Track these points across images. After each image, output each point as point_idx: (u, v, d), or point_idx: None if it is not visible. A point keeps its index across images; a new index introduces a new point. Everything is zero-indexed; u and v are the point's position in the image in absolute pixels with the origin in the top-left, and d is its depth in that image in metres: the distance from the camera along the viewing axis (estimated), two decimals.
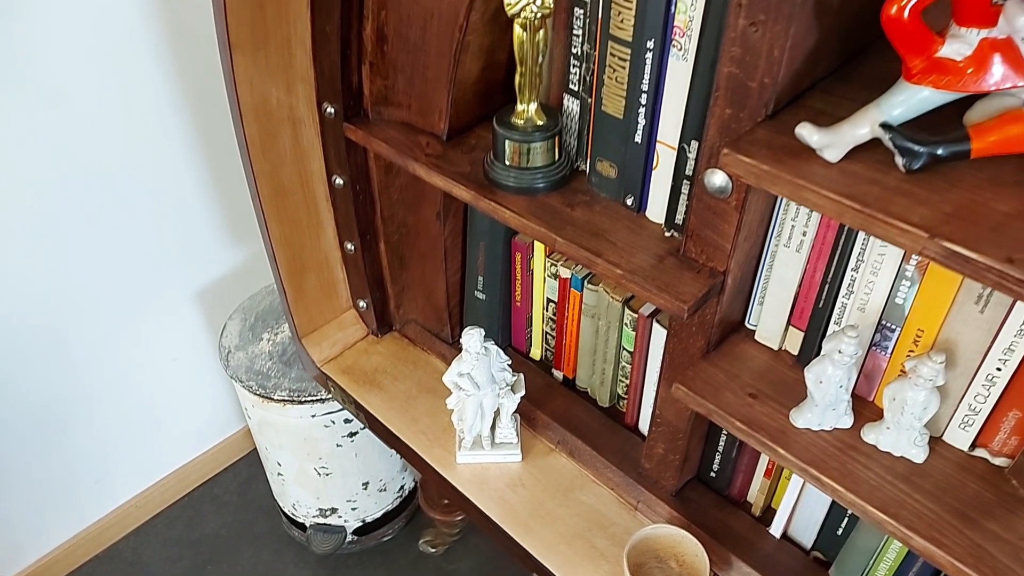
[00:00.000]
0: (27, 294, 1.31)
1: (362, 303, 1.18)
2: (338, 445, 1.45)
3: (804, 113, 0.59)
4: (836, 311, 0.70)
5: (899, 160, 0.53)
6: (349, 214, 1.05)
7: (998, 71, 0.50)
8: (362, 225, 1.06)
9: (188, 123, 1.36)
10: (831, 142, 0.53)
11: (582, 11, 0.73)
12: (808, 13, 0.55)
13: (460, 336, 0.94)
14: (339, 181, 1.02)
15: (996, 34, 0.49)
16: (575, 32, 0.76)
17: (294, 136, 0.95)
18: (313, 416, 1.38)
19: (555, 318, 1.06)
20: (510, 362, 0.97)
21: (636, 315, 0.92)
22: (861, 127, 0.53)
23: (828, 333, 0.71)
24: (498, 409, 1.00)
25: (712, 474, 0.95)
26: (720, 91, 0.60)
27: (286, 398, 1.34)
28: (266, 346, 1.44)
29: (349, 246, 1.10)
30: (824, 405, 0.68)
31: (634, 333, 0.95)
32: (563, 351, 1.09)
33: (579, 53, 0.76)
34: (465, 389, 0.93)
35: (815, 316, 0.72)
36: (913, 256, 0.62)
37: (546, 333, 1.10)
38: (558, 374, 1.12)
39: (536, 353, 1.15)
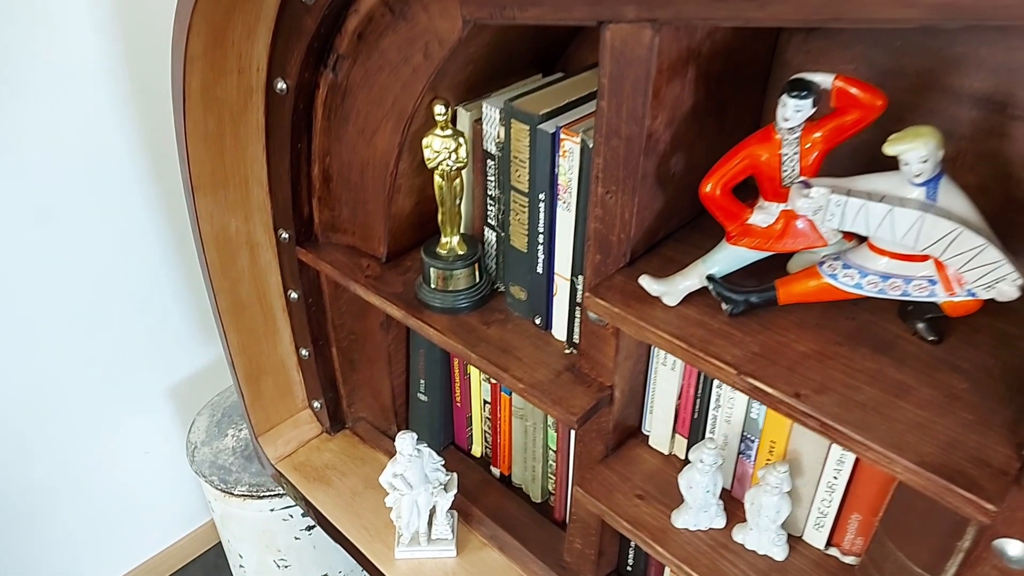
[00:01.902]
0: (5, 389, 1.40)
1: (316, 403, 1.27)
2: (296, 538, 1.51)
3: (657, 261, 0.71)
4: (709, 422, 0.80)
5: (724, 306, 0.64)
6: (303, 324, 1.16)
7: (795, 236, 0.62)
8: (315, 333, 1.17)
9: (167, 235, 1.49)
10: (667, 291, 0.64)
11: (493, 163, 0.86)
12: (650, 184, 0.67)
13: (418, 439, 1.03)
14: (294, 295, 1.13)
15: (790, 207, 0.61)
16: (489, 179, 0.88)
17: (252, 257, 1.07)
18: (272, 510, 1.45)
19: (491, 418, 1.15)
20: (443, 462, 1.05)
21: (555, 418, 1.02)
22: (691, 279, 0.64)
23: (696, 444, 0.81)
24: (434, 506, 1.08)
25: (628, 568, 1.03)
26: (590, 241, 0.72)
27: (246, 493, 1.42)
28: (230, 442, 1.52)
29: (304, 352, 1.20)
30: (696, 508, 0.77)
31: (556, 434, 1.05)
32: (499, 449, 1.17)
33: (493, 196, 0.89)
34: (399, 489, 1.01)
35: (694, 425, 0.82)
36: None
37: (485, 432, 1.19)
38: (496, 471, 1.21)
39: (477, 451, 1.23)
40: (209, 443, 1.52)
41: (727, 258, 0.64)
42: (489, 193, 0.90)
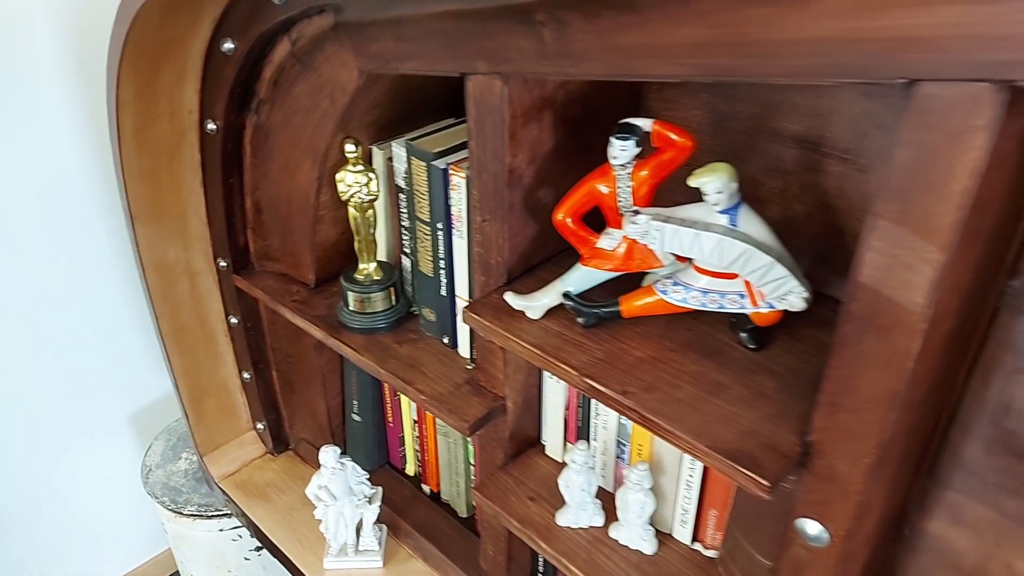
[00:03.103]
0: None
1: (260, 424, 1.35)
2: (246, 558, 1.56)
3: (532, 280, 0.79)
4: (591, 429, 0.89)
5: (578, 319, 0.73)
6: (243, 347, 1.24)
7: (636, 258, 0.71)
8: (255, 356, 1.25)
9: (126, 265, 1.57)
10: (529, 305, 0.73)
11: (404, 197, 0.96)
12: (519, 214, 0.76)
13: (346, 454, 1.11)
14: (234, 320, 1.21)
15: (624, 233, 0.70)
16: (402, 210, 0.98)
17: (192, 284, 1.16)
18: (221, 530, 1.51)
19: (419, 437, 1.23)
20: (367, 476, 1.13)
21: None
22: (550, 296, 0.73)
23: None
24: (362, 519, 1.15)
25: (539, 572, 1.10)
26: (475, 263, 0.81)
27: (195, 512, 1.48)
28: (183, 464, 1.58)
29: (245, 375, 1.28)
30: (575, 506, 0.85)
31: (475, 449, 1.12)
32: (427, 467, 1.25)
33: (406, 226, 0.98)
34: (324, 500, 1.08)
35: (580, 433, 0.90)
36: None
37: (416, 451, 1.27)
38: (426, 488, 1.28)
39: (411, 469, 1.31)
40: (163, 466, 1.58)
41: (581, 278, 0.73)
42: (403, 223, 0.99)
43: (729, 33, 0.49)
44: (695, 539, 0.84)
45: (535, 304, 0.73)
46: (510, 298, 0.74)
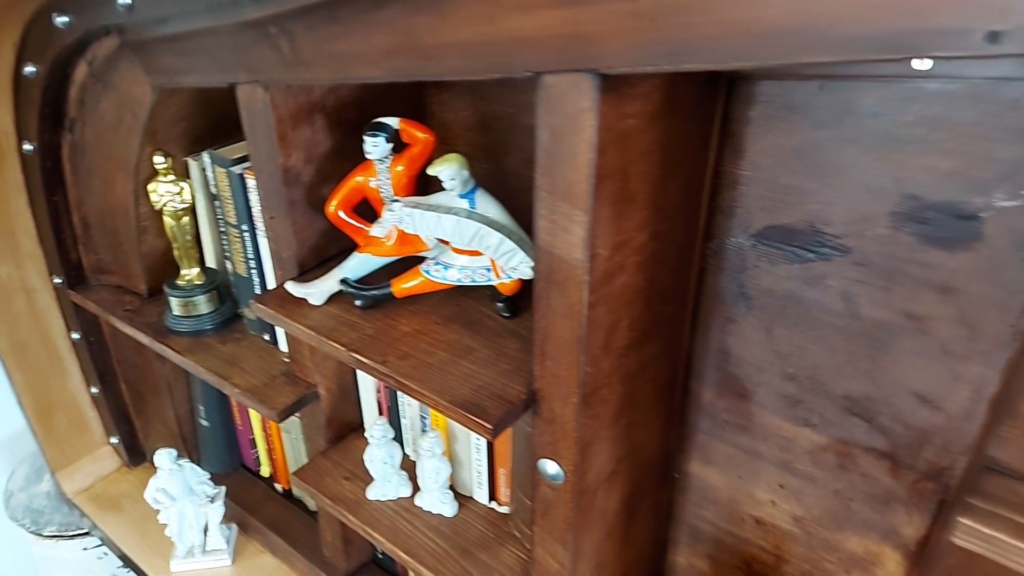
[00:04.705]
0: None
1: (113, 438, 1.37)
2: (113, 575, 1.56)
3: (321, 271, 0.86)
4: (400, 408, 0.96)
5: (356, 302, 0.80)
6: (89, 362, 1.26)
7: (407, 244, 0.79)
8: (101, 370, 1.27)
9: None
10: (309, 292, 0.80)
11: (218, 204, 1.01)
12: (303, 210, 0.83)
13: (200, 460, 1.15)
14: (76, 335, 1.24)
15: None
16: (218, 217, 1.03)
17: (29, 301, 1.18)
18: (85, 549, 1.51)
19: (266, 436, 1.28)
20: (208, 476, 1.17)
21: None
22: (328, 282, 0.80)
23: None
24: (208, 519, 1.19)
25: (380, 555, 1.16)
26: (273, 257, 0.88)
27: (56, 533, 1.47)
28: (46, 486, 1.57)
29: (94, 389, 1.30)
30: (381, 480, 0.92)
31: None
32: (277, 465, 1.29)
33: (222, 230, 1.04)
34: (162, 502, 1.12)
35: (390, 412, 0.98)
36: None
37: (268, 451, 1.31)
38: (279, 487, 1.32)
39: (265, 471, 1.35)
40: (26, 488, 1.57)
41: (358, 264, 0.81)
42: (220, 229, 1.05)
43: (408, 39, 0.58)
44: (492, 498, 0.92)
45: (315, 291, 0.80)
46: (290, 287, 0.81)
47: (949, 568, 0.46)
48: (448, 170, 0.70)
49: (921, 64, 0.53)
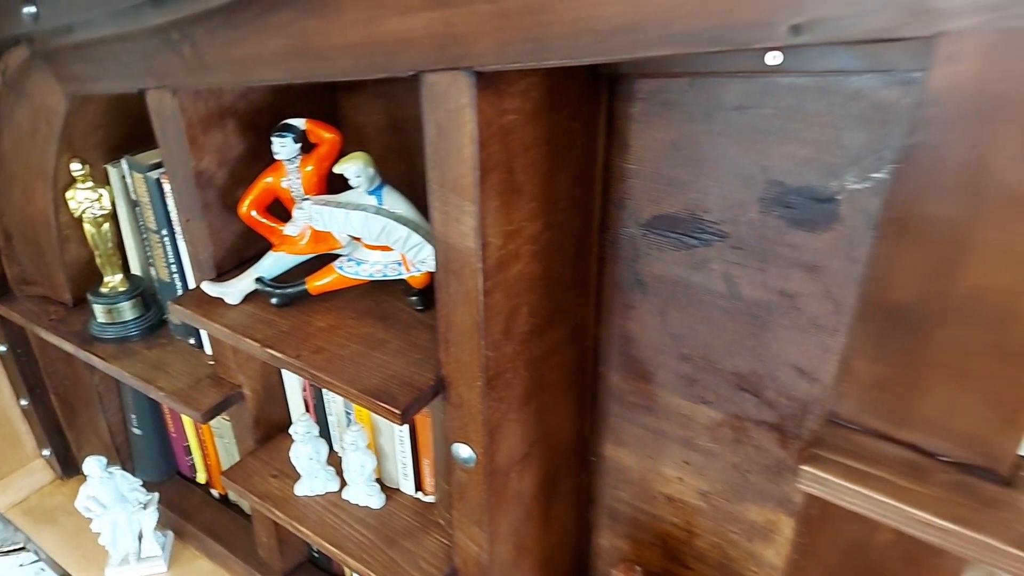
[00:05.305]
0: None
1: (45, 451, 1.35)
2: None
3: (239, 272, 0.88)
4: (326, 405, 0.98)
5: (272, 300, 0.82)
6: (16, 375, 1.25)
7: (320, 241, 0.82)
8: (30, 382, 1.26)
9: None
10: (225, 292, 0.82)
11: (138, 210, 1.02)
12: (218, 212, 0.85)
13: (135, 468, 1.14)
14: (2, 348, 1.23)
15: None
16: (139, 223, 1.04)
17: None
18: (21, 565, 1.48)
19: (200, 442, 1.28)
20: (140, 483, 1.17)
21: None
22: (244, 281, 0.82)
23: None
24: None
25: (315, 554, 1.17)
26: (192, 260, 0.89)
27: None
28: None
29: (23, 402, 1.29)
30: (308, 475, 0.94)
31: None
32: (212, 471, 1.30)
33: (145, 236, 1.05)
34: (93, 510, 1.11)
35: (317, 411, 1.00)
36: None
37: (204, 457, 1.31)
38: (216, 492, 1.33)
39: (202, 477, 1.35)
40: None
41: (273, 263, 0.83)
42: (142, 236, 1.05)
43: (301, 42, 0.61)
44: (418, 488, 0.95)
45: (231, 290, 0.82)
46: (207, 287, 0.82)
47: (810, 518, 0.51)
48: (353, 168, 0.73)
49: (773, 59, 0.58)
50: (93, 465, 1.10)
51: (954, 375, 0.41)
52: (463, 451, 0.74)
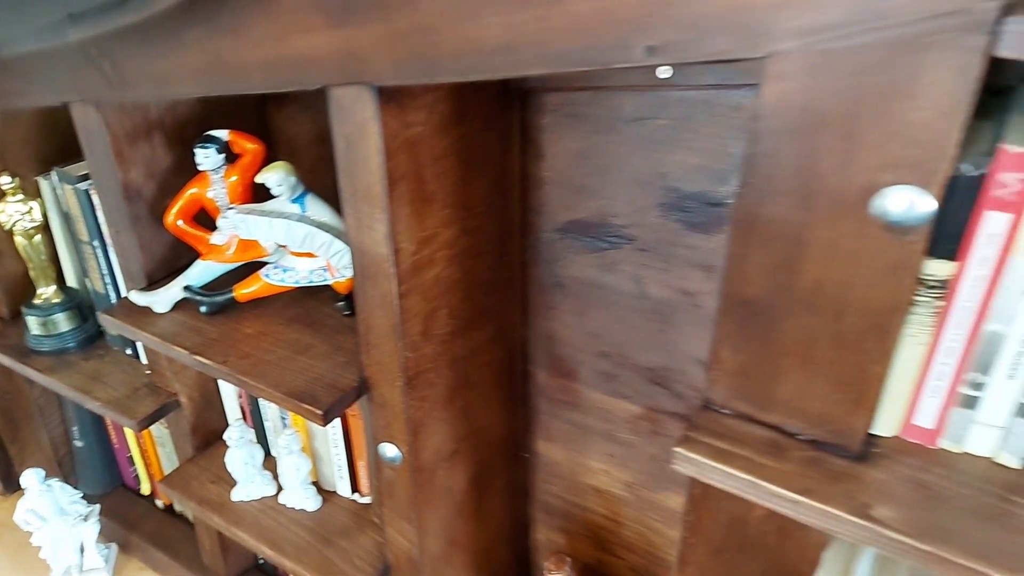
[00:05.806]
0: None
1: None
2: None
3: (170, 281, 0.90)
4: (262, 410, 1.00)
5: (200, 308, 0.84)
6: None
7: (246, 249, 0.84)
8: None
9: None
10: (153, 301, 0.84)
11: (69, 221, 1.03)
12: (148, 223, 0.86)
13: (78, 481, 1.14)
14: None
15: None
16: (72, 235, 1.05)
17: None
18: None
19: (142, 452, 1.28)
20: (80, 495, 1.17)
21: None
22: (172, 290, 0.84)
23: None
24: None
25: (261, 561, 1.18)
26: (123, 271, 0.90)
27: None
28: None
29: None
30: (244, 480, 0.95)
31: None
32: (155, 481, 1.30)
33: (78, 248, 1.05)
34: (32, 523, 1.11)
35: (254, 417, 1.01)
36: None
37: (147, 467, 1.32)
38: (160, 503, 1.33)
39: (146, 488, 1.35)
40: None
41: (202, 271, 0.85)
42: (76, 247, 1.06)
43: (214, 58, 0.63)
44: (354, 490, 0.97)
45: (159, 299, 0.84)
46: (134, 296, 0.84)
47: (694, 497, 0.55)
48: (275, 177, 0.75)
49: (663, 73, 0.62)
50: (31, 478, 1.10)
51: (804, 361, 0.45)
52: (389, 450, 0.77)
